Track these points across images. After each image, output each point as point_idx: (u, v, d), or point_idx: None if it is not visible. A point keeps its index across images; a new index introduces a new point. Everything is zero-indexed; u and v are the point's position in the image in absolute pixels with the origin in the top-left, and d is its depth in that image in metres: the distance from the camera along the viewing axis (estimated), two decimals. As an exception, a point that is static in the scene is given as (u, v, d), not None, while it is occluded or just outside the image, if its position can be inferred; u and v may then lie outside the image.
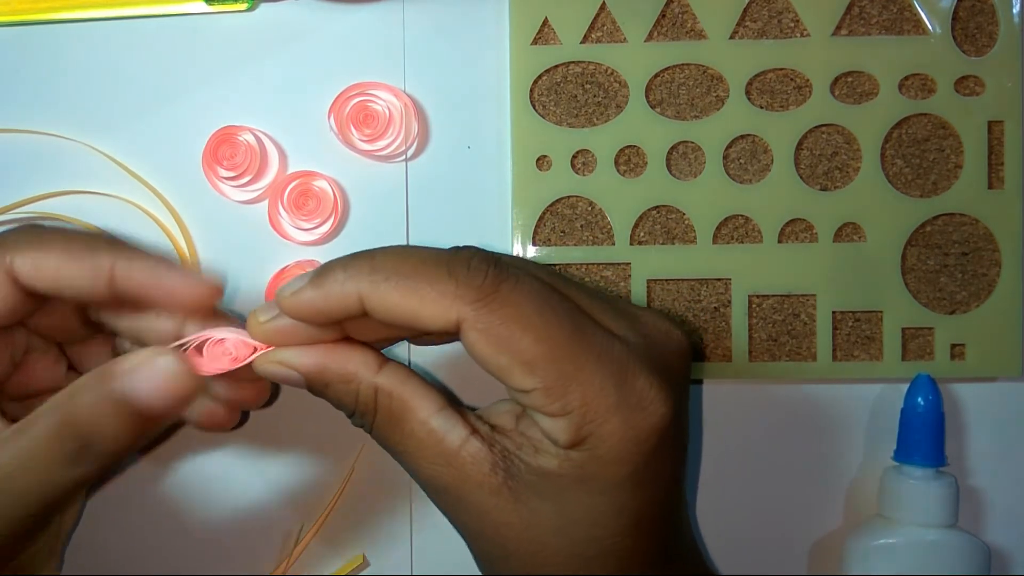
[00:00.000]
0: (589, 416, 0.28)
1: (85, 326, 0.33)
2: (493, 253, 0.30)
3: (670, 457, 0.30)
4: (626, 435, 0.28)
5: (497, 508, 0.29)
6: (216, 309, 0.32)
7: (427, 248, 0.30)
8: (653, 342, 0.31)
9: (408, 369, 0.31)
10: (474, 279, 0.28)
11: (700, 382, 0.38)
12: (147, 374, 0.29)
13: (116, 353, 0.33)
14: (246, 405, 0.35)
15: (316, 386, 0.30)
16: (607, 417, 0.28)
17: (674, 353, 0.31)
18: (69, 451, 0.28)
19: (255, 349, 0.30)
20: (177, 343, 0.30)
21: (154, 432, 0.31)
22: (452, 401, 0.31)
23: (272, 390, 0.36)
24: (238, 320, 0.32)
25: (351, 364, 0.30)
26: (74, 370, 0.35)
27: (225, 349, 0.30)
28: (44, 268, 0.30)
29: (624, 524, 0.29)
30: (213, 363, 0.30)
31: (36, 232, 0.31)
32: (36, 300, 0.31)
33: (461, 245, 0.30)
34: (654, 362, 0.30)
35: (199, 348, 0.30)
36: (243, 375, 0.30)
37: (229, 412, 0.34)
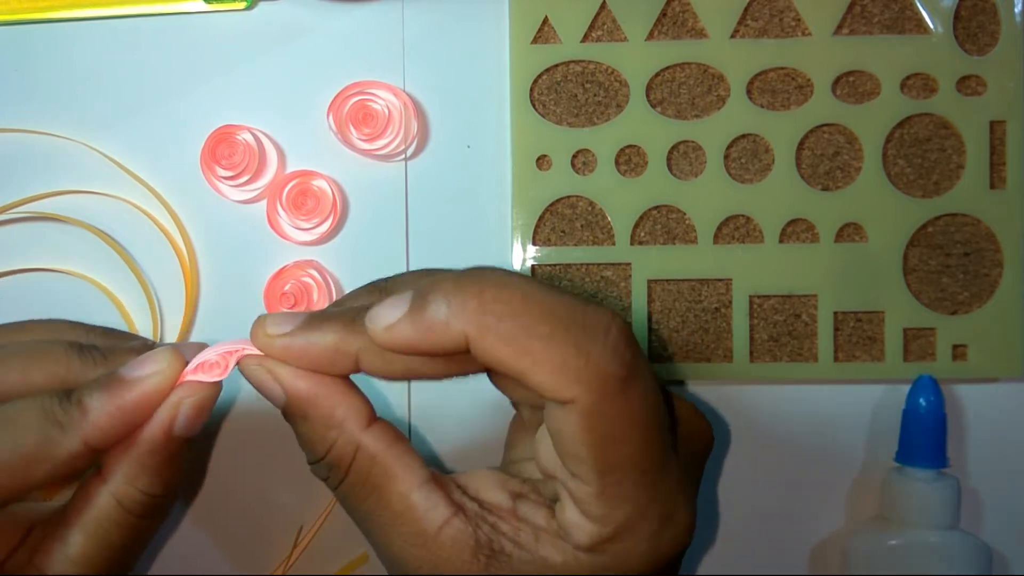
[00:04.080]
0: (623, 536, 0.26)
1: None
2: (628, 325, 0.25)
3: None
4: (651, 557, 0.27)
5: None
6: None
7: (552, 292, 0.25)
8: (691, 449, 0.29)
9: (397, 431, 0.29)
10: (609, 364, 0.24)
11: (701, 383, 0.38)
12: (181, 411, 0.29)
13: None
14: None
15: (295, 414, 0.28)
16: (639, 541, 0.26)
17: (702, 455, 0.30)
18: (51, 414, 0.28)
19: (236, 353, 0.29)
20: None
21: (128, 415, 0.29)
22: (436, 472, 0.29)
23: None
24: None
25: (341, 409, 0.28)
26: None
27: (211, 362, 0.29)
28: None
29: None
30: (197, 376, 0.29)
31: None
32: None
33: (595, 297, 0.27)
34: (692, 479, 0.29)
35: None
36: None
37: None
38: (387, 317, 0.26)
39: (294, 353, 0.27)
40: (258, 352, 0.28)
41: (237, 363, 0.29)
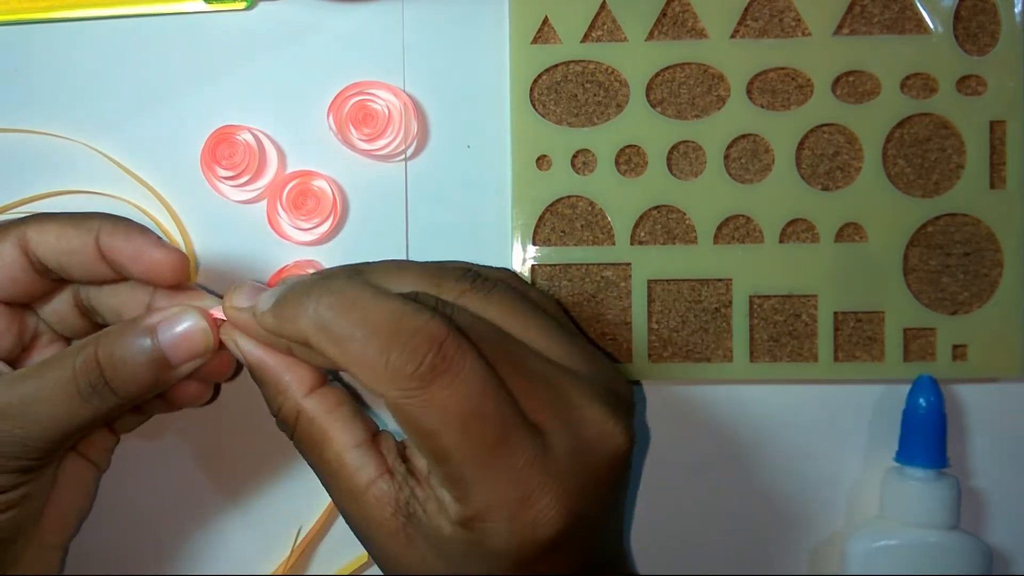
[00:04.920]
0: (482, 515, 0.28)
1: (81, 317, 0.35)
2: (448, 323, 0.28)
3: (572, 553, 0.29)
4: (513, 541, 0.28)
5: (394, 550, 0.29)
6: (186, 284, 0.34)
7: (380, 300, 0.28)
8: (584, 446, 0.29)
9: (341, 394, 0.31)
10: (406, 366, 0.27)
11: (701, 383, 0.38)
12: (174, 325, 0.31)
13: None
14: (213, 377, 0.36)
15: (253, 378, 0.32)
16: (498, 523, 0.28)
17: (607, 459, 0.30)
18: (85, 387, 0.30)
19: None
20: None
21: (164, 386, 0.32)
22: (384, 434, 0.31)
23: (235, 366, 0.36)
24: (205, 293, 0.34)
25: (286, 377, 0.31)
26: None
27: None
28: (46, 235, 0.32)
29: None
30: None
31: (41, 213, 0.33)
32: (44, 281, 0.33)
33: (424, 298, 0.29)
34: (573, 473, 0.29)
35: None
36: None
37: (201, 386, 0.35)
38: (263, 304, 0.30)
39: (242, 326, 0.31)
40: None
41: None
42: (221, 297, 0.32)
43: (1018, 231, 0.37)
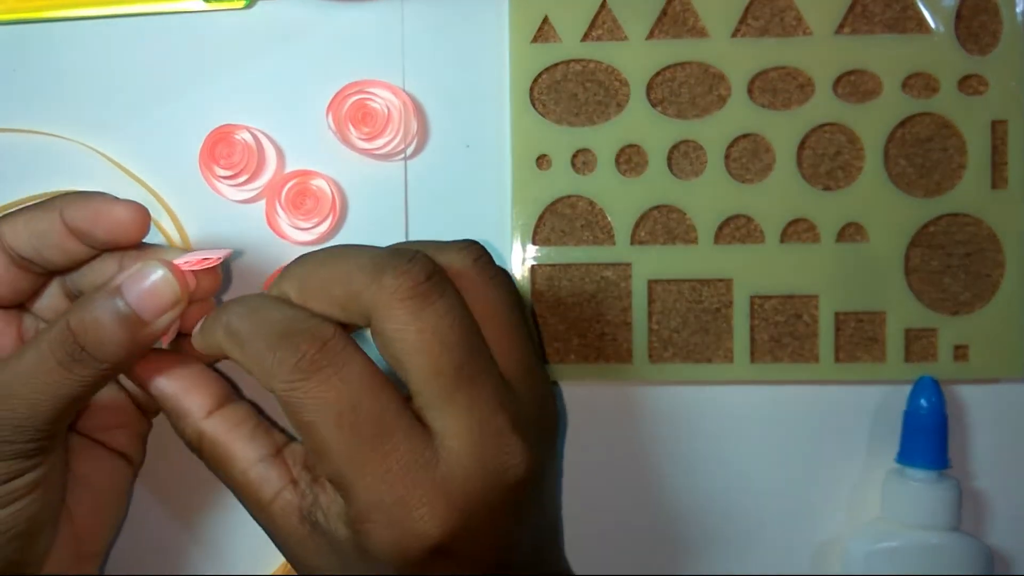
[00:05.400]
0: (364, 516, 0.28)
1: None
2: (335, 326, 0.29)
3: (463, 563, 0.29)
4: (393, 546, 0.28)
5: (304, 556, 0.31)
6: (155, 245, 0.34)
7: (279, 308, 0.30)
8: (476, 458, 0.29)
9: (245, 412, 0.33)
10: (287, 358, 0.28)
11: (702, 384, 0.38)
12: (139, 281, 0.31)
13: None
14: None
15: (157, 405, 0.33)
16: (378, 526, 0.28)
17: (506, 479, 0.29)
18: (64, 357, 0.30)
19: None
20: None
21: (145, 346, 0.32)
22: (291, 447, 0.32)
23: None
24: (167, 247, 0.34)
25: (185, 401, 0.32)
26: None
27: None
28: (16, 225, 0.32)
29: None
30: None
31: (9, 211, 0.34)
32: (29, 276, 0.33)
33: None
34: (460, 486, 0.28)
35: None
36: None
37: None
38: (196, 329, 0.32)
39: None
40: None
41: None
42: (187, 250, 0.33)
43: (1020, 231, 0.37)
